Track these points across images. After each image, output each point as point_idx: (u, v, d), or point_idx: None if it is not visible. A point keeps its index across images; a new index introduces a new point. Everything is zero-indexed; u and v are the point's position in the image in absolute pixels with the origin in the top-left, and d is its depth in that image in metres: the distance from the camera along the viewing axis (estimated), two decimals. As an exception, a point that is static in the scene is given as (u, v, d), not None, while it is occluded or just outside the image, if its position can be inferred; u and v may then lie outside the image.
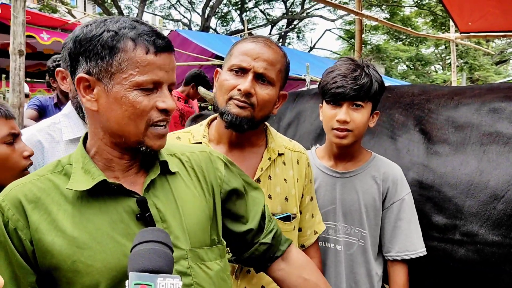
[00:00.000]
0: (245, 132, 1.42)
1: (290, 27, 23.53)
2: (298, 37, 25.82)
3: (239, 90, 1.36)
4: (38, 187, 0.99)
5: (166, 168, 1.08)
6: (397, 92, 2.09)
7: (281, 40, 22.47)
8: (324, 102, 1.71)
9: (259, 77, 1.38)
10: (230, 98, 1.38)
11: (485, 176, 1.70)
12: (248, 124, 1.38)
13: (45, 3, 18.12)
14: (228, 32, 22.84)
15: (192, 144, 1.41)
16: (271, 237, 1.23)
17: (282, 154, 1.51)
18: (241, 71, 1.38)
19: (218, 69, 1.50)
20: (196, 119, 2.53)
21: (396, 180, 1.72)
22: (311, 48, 24.11)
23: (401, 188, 1.72)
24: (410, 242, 1.70)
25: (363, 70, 1.64)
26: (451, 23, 6.23)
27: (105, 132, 1.01)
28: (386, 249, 1.74)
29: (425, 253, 1.71)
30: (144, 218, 0.99)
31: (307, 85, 6.65)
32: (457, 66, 8.85)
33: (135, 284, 0.79)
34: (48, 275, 0.96)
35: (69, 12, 17.17)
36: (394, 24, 5.68)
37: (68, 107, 1.71)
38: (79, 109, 1.65)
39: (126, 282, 0.81)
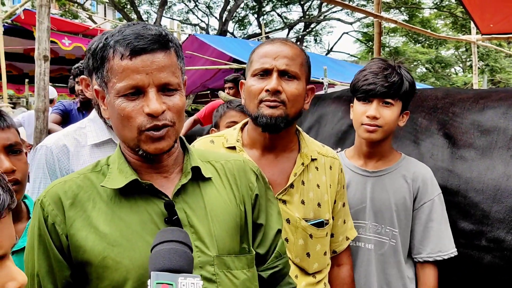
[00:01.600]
0: (281, 132, 1.43)
1: (307, 30, 23.50)
2: (315, 40, 25.78)
3: (266, 90, 1.37)
4: (77, 184, 1.03)
5: (199, 174, 1.08)
6: (420, 95, 2.06)
7: (298, 43, 22.40)
8: (355, 99, 1.73)
9: (283, 74, 1.39)
10: (261, 101, 1.39)
11: None
12: (283, 122, 1.39)
13: (67, 9, 18.48)
14: (246, 36, 22.94)
15: (227, 152, 1.42)
16: (269, 273, 1.16)
17: (315, 159, 1.51)
18: (265, 73, 1.40)
19: (243, 80, 1.51)
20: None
21: (426, 180, 1.71)
22: (329, 51, 24.01)
23: (432, 189, 1.71)
24: (442, 243, 1.68)
25: (394, 69, 1.66)
26: (472, 25, 6.14)
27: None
28: (417, 251, 1.72)
29: (456, 253, 1.69)
30: (172, 221, 1.00)
31: (324, 88, 6.62)
32: (478, 68, 8.70)
33: (157, 283, 0.81)
34: (80, 270, 0.99)
35: (90, 18, 17.48)
36: (413, 26, 5.61)
37: (94, 113, 1.75)
38: (100, 114, 1.69)
39: (148, 281, 0.82)
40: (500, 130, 1.76)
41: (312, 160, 1.50)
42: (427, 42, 22.06)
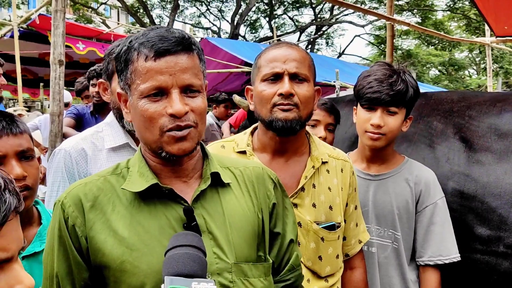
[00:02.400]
0: (295, 135, 1.43)
1: (319, 33, 23.45)
2: (327, 43, 25.72)
3: (280, 94, 1.38)
4: (98, 187, 1.03)
5: (218, 180, 1.08)
6: (435, 99, 2.03)
7: (309, 46, 22.43)
8: (358, 105, 1.73)
9: (294, 77, 1.39)
10: (274, 106, 1.39)
11: None
12: (298, 124, 1.39)
13: (81, 14, 18.73)
14: (257, 39, 22.98)
15: (245, 159, 1.41)
16: (280, 286, 1.14)
17: (326, 162, 1.50)
18: (275, 77, 1.40)
19: (249, 86, 1.52)
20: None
21: (429, 183, 1.71)
22: (340, 54, 23.94)
23: (434, 192, 1.70)
24: (444, 247, 1.67)
25: (399, 76, 1.65)
26: (486, 27, 6.06)
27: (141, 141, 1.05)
28: (419, 254, 1.71)
29: (459, 258, 1.66)
30: (191, 227, 1.00)
31: (336, 91, 6.60)
32: (492, 71, 8.60)
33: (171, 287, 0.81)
34: (98, 272, 0.99)
35: (104, 22, 17.68)
36: (426, 29, 5.55)
37: (110, 116, 1.76)
38: (119, 118, 1.70)
39: (162, 285, 0.82)
40: None
41: (323, 163, 1.49)
42: (440, 44, 21.86)
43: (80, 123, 3.66)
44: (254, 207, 1.11)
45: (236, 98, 3.40)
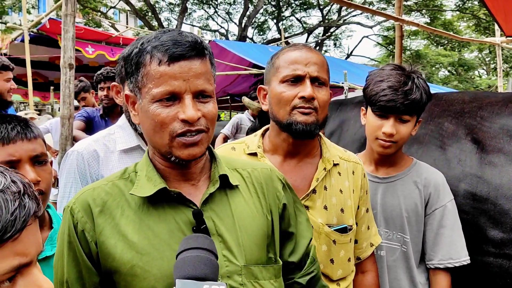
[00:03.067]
0: (313, 138, 1.43)
1: (327, 34, 23.41)
2: (335, 44, 25.67)
3: (302, 97, 1.37)
4: (106, 191, 1.03)
5: (226, 182, 1.07)
6: (446, 99, 2.00)
7: (317, 48, 22.38)
8: (369, 109, 1.70)
9: (314, 81, 1.39)
10: (293, 108, 1.38)
11: None
12: (317, 128, 1.39)
13: (90, 18, 18.89)
14: (265, 41, 23.00)
15: (254, 161, 1.41)
16: (307, 279, 1.17)
17: (337, 164, 1.50)
18: (296, 79, 1.39)
19: (262, 86, 1.51)
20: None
21: (438, 186, 1.69)
22: (349, 55, 23.87)
23: (444, 195, 1.68)
24: (454, 250, 1.65)
25: (413, 82, 1.61)
26: (496, 26, 6.01)
27: (150, 144, 1.05)
28: (428, 257, 1.70)
29: (469, 261, 1.65)
30: (200, 230, 1.00)
31: (345, 93, 6.59)
32: (503, 71, 8.51)
33: None
34: (109, 277, 1.00)
35: (113, 26, 17.81)
36: (435, 29, 5.51)
37: (123, 119, 1.77)
38: (130, 121, 1.71)
39: None
40: None
41: (335, 165, 1.49)
42: (450, 44, 21.71)
43: (90, 126, 3.69)
44: (263, 208, 1.11)
45: (246, 100, 3.40)
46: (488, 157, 1.76)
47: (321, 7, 22.29)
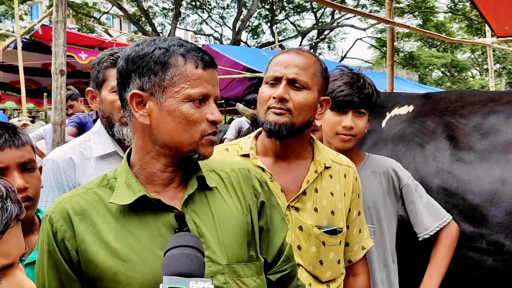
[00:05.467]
0: (291, 139, 1.43)
1: (320, 37, 23.53)
2: (329, 47, 25.81)
3: (273, 98, 1.39)
4: (85, 200, 1.03)
5: (205, 183, 1.09)
6: (434, 98, 2.04)
7: (311, 51, 22.41)
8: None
9: (293, 83, 1.40)
10: (268, 108, 1.41)
11: (508, 185, 1.65)
12: (287, 130, 1.39)
13: (83, 24, 18.89)
14: (259, 44, 23.07)
15: (232, 161, 1.42)
16: (278, 277, 1.18)
17: (329, 167, 1.51)
18: (275, 81, 1.42)
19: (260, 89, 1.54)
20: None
21: (394, 168, 1.79)
22: (343, 58, 23.99)
23: (403, 175, 1.78)
24: (435, 215, 1.74)
25: (364, 79, 1.74)
26: (487, 27, 6.07)
27: (154, 145, 1.04)
28: (418, 232, 1.77)
29: (451, 217, 1.74)
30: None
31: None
32: (495, 71, 8.59)
33: (168, 287, 0.82)
34: (91, 284, 1.00)
35: (106, 31, 17.80)
36: (426, 31, 5.56)
37: (98, 125, 1.75)
38: (108, 127, 1.69)
39: (160, 285, 0.84)
40: (500, 133, 1.75)
41: (326, 168, 1.50)
42: (442, 46, 21.86)
43: (82, 132, 3.69)
44: (242, 207, 1.13)
45: (240, 107, 3.43)
46: (459, 154, 1.81)
47: (315, 10, 22.41)
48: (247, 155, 1.48)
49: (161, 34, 20.98)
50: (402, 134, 1.98)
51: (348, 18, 22.29)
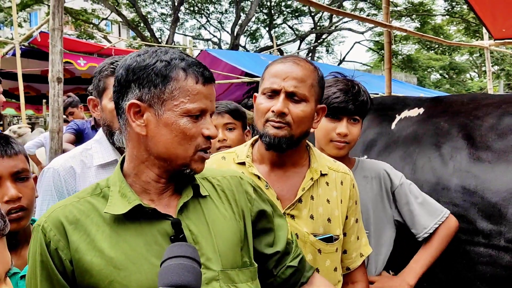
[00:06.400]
0: (286, 151, 1.43)
1: (319, 41, 23.57)
2: (327, 50, 25.85)
3: (273, 111, 1.38)
4: (78, 209, 1.03)
5: (198, 191, 1.10)
6: (446, 101, 2.07)
7: (310, 55, 22.52)
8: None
9: (291, 96, 1.39)
10: (267, 121, 1.40)
11: None
12: (286, 143, 1.39)
13: (82, 30, 18.93)
14: (258, 49, 23.12)
15: (225, 169, 1.42)
16: (298, 261, 1.23)
17: (326, 174, 1.50)
18: (273, 93, 1.40)
19: (256, 94, 1.52)
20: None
21: (386, 171, 1.79)
22: (341, 61, 24.02)
23: (394, 177, 1.78)
24: (432, 212, 1.74)
25: (359, 86, 1.73)
26: (484, 30, 6.08)
27: (149, 155, 1.04)
28: (416, 233, 1.76)
29: (449, 212, 1.74)
30: (178, 240, 1.01)
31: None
32: (493, 73, 8.60)
33: None
34: None
35: (105, 38, 17.84)
36: (424, 34, 5.56)
37: (100, 134, 1.75)
38: (109, 135, 1.70)
39: None
40: None
41: (322, 175, 1.49)
42: (440, 48, 21.91)
43: (80, 138, 3.68)
44: (235, 214, 1.14)
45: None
46: (476, 153, 1.83)
47: (313, 14, 22.46)
48: (243, 163, 1.48)
49: (160, 40, 21.03)
50: (415, 136, 1.99)
51: (346, 21, 22.35)
